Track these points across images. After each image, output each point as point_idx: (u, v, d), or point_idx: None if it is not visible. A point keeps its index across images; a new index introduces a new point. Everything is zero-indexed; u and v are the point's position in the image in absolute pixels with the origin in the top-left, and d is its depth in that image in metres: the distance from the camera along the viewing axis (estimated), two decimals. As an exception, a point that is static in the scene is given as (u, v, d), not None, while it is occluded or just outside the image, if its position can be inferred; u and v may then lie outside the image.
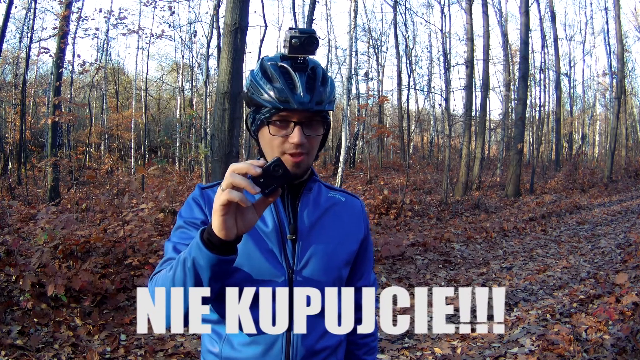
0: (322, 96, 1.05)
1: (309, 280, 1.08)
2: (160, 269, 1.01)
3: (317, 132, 1.07)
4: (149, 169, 8.49)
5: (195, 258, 0.88)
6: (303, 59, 1.05)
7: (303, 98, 1.01)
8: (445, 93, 13.90)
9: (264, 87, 1.04)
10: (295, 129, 1.03)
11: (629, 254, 6.45)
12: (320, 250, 1.11)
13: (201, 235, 0.88)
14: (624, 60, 20.33)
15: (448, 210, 10.51)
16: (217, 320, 1.09)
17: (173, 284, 0.91)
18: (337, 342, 1.16)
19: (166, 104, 27.80)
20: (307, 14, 11.52)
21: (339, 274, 1.14)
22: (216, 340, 1.10)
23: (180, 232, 1.07)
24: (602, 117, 32.09)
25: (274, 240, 1.08)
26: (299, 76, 1.03)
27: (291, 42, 1.02)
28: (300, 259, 1.09)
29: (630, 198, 14.24)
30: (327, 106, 1.06)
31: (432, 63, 27.66)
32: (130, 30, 15.19)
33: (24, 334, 3.34)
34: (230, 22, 5.07)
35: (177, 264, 0.92)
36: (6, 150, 14.98)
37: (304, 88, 1.02)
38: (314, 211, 1.14)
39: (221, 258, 0.87)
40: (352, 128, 19.68)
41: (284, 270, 1.07)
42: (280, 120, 1.04)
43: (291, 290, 1.06)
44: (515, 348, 3.56)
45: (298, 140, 1.02)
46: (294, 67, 1.04)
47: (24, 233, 5.51)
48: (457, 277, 5.63)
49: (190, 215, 1.09)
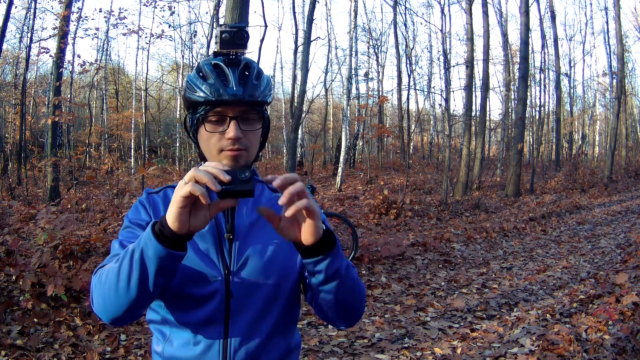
0: (256, 89, 1.04)
1: (247, 281, 1.05)
2: (105, 263, 1.00)
3: (254, 126, 1.06)
4: (149, 169, 8.50)
5: (144, 249, 0.87)
6: (235, 54, 1.05)
7: (235, 90, 1.01)
8: (445, 93, 13.91)
9: (198, 84, 1.03)
10: (231, 123, 1.02)
11: (629, 254, 6.45)
12: (259, 250, 1.07)
13: (152, 226, 0.87)
14: (624, 60, 20.33)
15: (448, 210, 10.51)
16: (161, 321, 1.08)
17: (118, 274, 0.90)
18: (285, 349, 1.11)
19: (166, 104, 27.79)
20: (307, 14, 11.53)
21: (283, 276, 1.08)
22: (160, 340, 1.09)
23: (127, 231, 1.07)
24: (602, 117, 32.11)
25: (209, 239, 1.05)
26: (231, 71, 1.03)
27: (222, 37, 1.02)
28: (238, 259, 1.05)
29: (630, 198, 14.24)
30: (260, 97, 1.05)
31: (432, 63, 27.69)
32: (130, 30, 15.16)
33: (24, 334, 3.33)
34: (230, 22, 5.07)
35: (125, 255, 0.91)
36: (6, 150, 14.97)
37: (236, 81, 1.02)
38: (254, 210, 1.09)
39: (170, 252, 0.86)
40: (352, 128, 19.68)
41: (219, 271, 1.04)
42: (216, 117, 1.03)
43: (228, 292, 1.03)
44: (515, 348, 3.56)
45: (234, 135, 1.01)
46: (226, 62, 1.04)
47: (24, 233, 5.50)
48: (457, 277, 5.63)
49: (136, 216, 1.08)
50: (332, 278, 0.96)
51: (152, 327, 1.13)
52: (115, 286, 0.91)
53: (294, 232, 0.91)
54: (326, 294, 0.99)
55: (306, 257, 0.94)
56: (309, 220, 0.89)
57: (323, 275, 0.95)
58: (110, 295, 0.92)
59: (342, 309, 1.04)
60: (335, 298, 1.00)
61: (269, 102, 1.10)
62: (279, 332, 1.10)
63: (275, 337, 1.09)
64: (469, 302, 4.66)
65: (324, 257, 0.93)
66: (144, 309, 0.99)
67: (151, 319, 1.12)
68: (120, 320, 0.97)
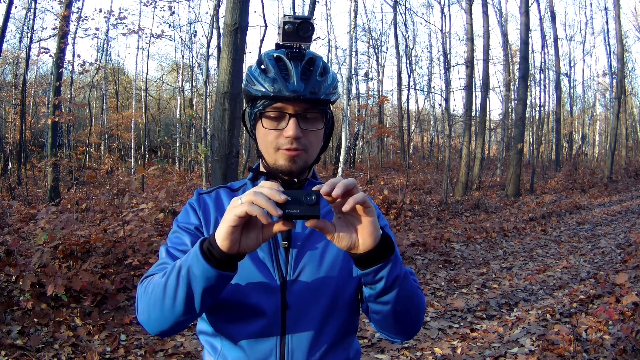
0: (319, 86, 0.97)
1: (304, 292, 0.99)
2: (153, 272, 0.97)
3: (315, 126, 0.99)
4: (149, 169, 8.49)
5: (190, 267, 0.82)
6: (299, 47, 0.99)
7: (296, 86, 0.95)
8: (445, 93, 13.90)
9: (258, 78, 0.98)
10: (290, 121, 0.96)
11: (629, 254, 6.45)
12: (316, 259, 1.01)
13: (201, 244, 0.82)
14: (624, 60, 20.34)
15: (448, 210, 10.51)
16: (212, 333, 1.04)
17: (165, 290, 0.86)
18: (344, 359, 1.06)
19: (166, 104, 27.80)
20: (307, 14, 11.53)
21: (342, 285, 1.02)
22: (211, 354, 1.04)
23: (174, 236, 1.03)
24: (602, 117, 32.12)
25: (265, 248, 1.00)
26: (293, 65, 0.97)
27: (284, 29, 0.96)
28: (295, 268, 1.00)
29: (630, 198, 14.24)
30: (323, 96, 0.98)
31: (432, 63, 27.73)
32: (130, 30, 15.19)
33: (24, 334, 3.34)
34: (230, 22, 5.07)
35: (172, 271, 0.87)
36: (6, 150, 14.98)
37: (298, 77, 0.96)
38: None
39: (219, 272, 0.81)
40: (352, 128, 19.67)
41: (275, 281, 0.98)
42: (275, 112, 0.98)
43: (284, 303, 0.98)
44: (515, 348, 3.56)
45: (293, 133, 0.95)
46: (289, 56, 0.98)
47: (24, 233, 5.51)
48: (457, 277, 5.63)
49: (185, 220, 1.04)
50: (391, 287, 0.86)
51: (202, 338, 1.07)
52: (161, 302, 0.87)
53: (350, 238, 0.81)
54: (384, 305, 0.91)
55: (365, 266, 0.84)
56: (366, 219, 0.80)
57: (383, 284, 0.85)
58: (156, 310, 0.89)
59: (401, 321, 0.95)
60: (394, 309, 0.91)
61: (333, 101, 1.02)
62: (339, 344, 1.04)
63: (335, 349, 1.03)
64: (469, 302, 4.66)
65: (384, 264, 0.84)
66: (189, 324, 0.94)
67: (202, 330, 1.07)
68: (165, 334, 0.94)
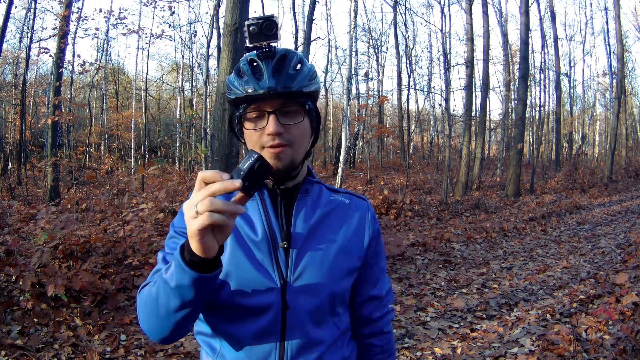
0: (292, 80, 0.98)
1: (304, 292, 0.99)
2: (150, 280, 0.97)
3: (296, 119, 1.00)
4: (149, 169, 8.47)
5: (178, 279, 0.83)
6: (268, 45, 0.99)
7: (268, 83, 0.96)
8: (445, 93, 13.90)
9: (234, 83, 1.00)
10: (269, 118, 0.98)
11: (629, 254, 6.45)
12: (317, 259, 1.01)
13: (182, 254, 0.82)
14: (624, 60, 20.33)
15: (448, 210, 10.51)
16: (211, 334, 1.04)
17: (157, 301, 0.87)
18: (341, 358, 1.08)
19: (166, 104, 27.81)
20: (307, 14, 11.54)
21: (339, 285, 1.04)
22: (209, 354, 1.04)
23: (171, 242, 1.03)
24: (602, 117, 32.13)
25: (264, 249, 1.00)
26: (265, 64, 0.98)
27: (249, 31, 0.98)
28: (294, 268, 1.00)
29: (630, 198, 14.23)
30: (296, 88, 0.98)
31: (432, 63, 27.74)
32: (130, 30, 15.22)
33: (24, 334, 3.33)
34: (230, 22, 5.07)
35: (160, 283, 0.87)
36: (6, 150, 14.98)
37: (270, 74, 0.97)
38: (311, 216, 1.05)
39: (205, 276, 0.82)
40: (352, 128, 19.67)
41: (275, 282, 0.98)
42: (254, 112, 0.99)
43: (284, 304, 0.98)
44: (515, 348, 3.56)
45: (273, 130, 0.96)
46: (260, 56, 0.99)
47: (24, 233, 5.51)
48: (457, 277, 5.63)
49: (181, 224, 1.03)
50: None
51: (200, 339, 1.07)
52: (156, 312, 0.89)
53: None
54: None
55: None
56: None
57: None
58: (153, 319, 0.91)
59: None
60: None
61: (308, 92, 1.02)
62: (337, 343, 1.06)
63: (334, 349, 1.05)
64: (469, 302, 4.66)
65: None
66: (191, 326, 0.95)
67: (199, 331, 1.07)
68: (169, 340, 0.94)
